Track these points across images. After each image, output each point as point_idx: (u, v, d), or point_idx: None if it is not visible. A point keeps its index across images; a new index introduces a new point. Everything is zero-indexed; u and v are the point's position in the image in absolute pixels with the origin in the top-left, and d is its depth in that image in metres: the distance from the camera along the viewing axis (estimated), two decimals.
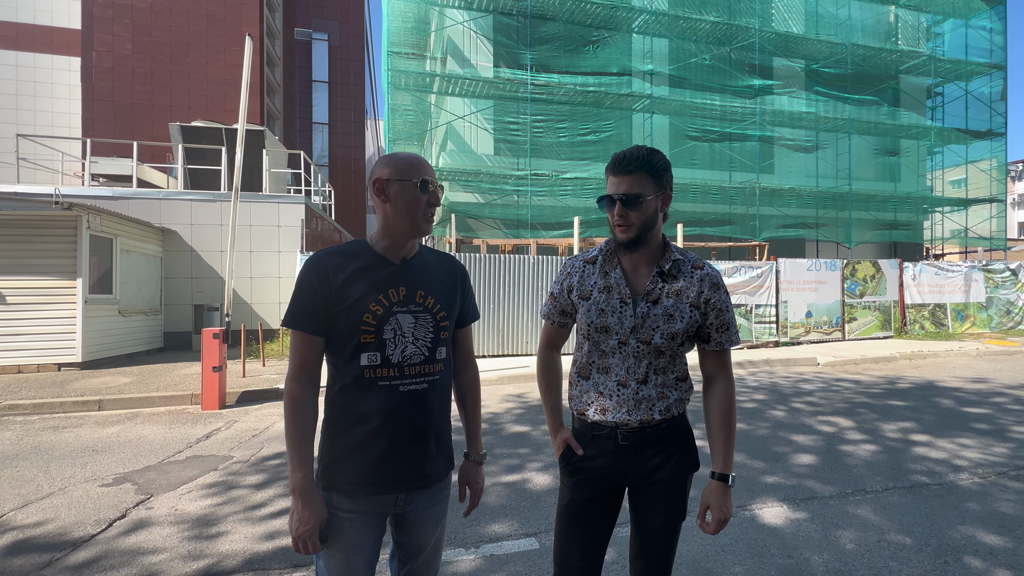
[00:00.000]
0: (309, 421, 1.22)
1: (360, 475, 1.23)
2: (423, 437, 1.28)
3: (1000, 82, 15.85)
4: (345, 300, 1.22)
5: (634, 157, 1.30)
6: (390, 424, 1.23)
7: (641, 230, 1.32)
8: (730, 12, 13.38)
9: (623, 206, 1.30)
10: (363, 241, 1.32)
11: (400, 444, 1.25)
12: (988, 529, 2.76)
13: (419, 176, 1.26)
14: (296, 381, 1.22)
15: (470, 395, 1.47)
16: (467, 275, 1.45)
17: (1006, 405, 5.51)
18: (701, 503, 1.35)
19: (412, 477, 1.27)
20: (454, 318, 1.37)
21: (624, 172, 1.30)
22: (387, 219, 1.27)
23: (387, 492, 1.25)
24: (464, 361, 1.47)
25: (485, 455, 1.48)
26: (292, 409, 1.21)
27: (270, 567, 2.45)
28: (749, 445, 4.19)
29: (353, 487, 1.23)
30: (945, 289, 11.58)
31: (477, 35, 12.70)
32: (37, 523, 2.94)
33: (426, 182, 1.26)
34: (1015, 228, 39.60)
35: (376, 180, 1.26)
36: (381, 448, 1.23)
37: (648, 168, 1.30)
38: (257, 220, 10.48)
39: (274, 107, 26.41)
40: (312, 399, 1.23)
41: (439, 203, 1.30)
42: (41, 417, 5.45)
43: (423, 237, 1.31)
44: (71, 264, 7.63)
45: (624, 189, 1.30)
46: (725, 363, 1.40)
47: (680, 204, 12.91)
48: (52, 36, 24.49)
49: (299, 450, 1.20)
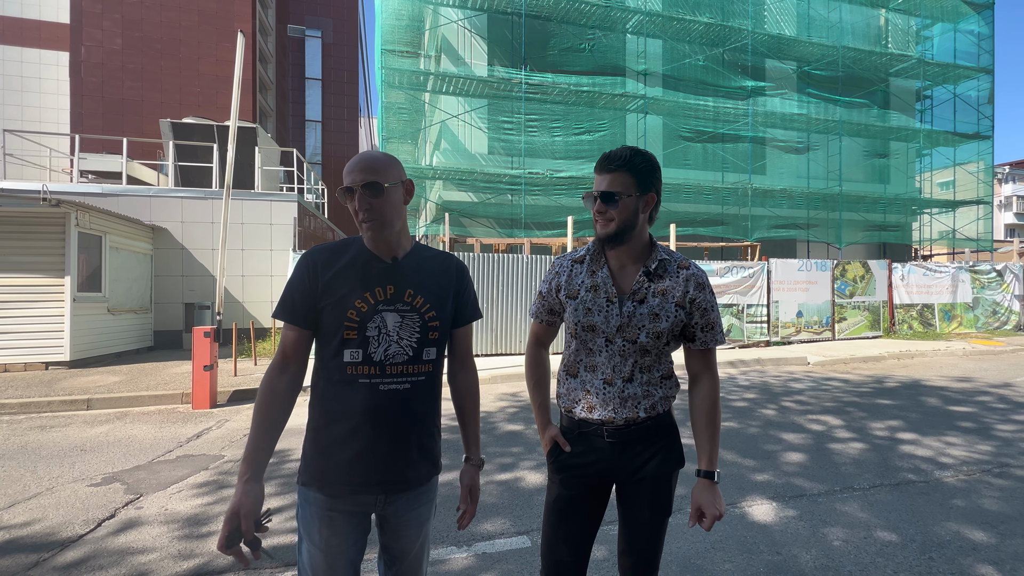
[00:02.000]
0: (274, 408, 1.21)
1: (337, 473, 1.22)
2: (403, 438, 1.25)
3: (987, 85, 16.09)
4: (332, 295, 1.22)
5: (617, 156, 1.33)
6: (369, 423, 1.21)
7: (621, 227, 1.34)
8: (723, 13, 13.47)
9: (602, 202, 1.34)
10: (358, 238, 1.31)
11: (378, 444, 1.22)
12: (972, 525, 2.81)
13: (343, 185, 1.25)
14: (271, 369, 1.24)
15: (469, 397, 1.44)
16: (465, 274, 1.41)
17: (990, 404, 5.60)
18: (692, 504, 1.36)
19: (391, 480, 1.24)
20: (446, 318, 1.33)
21: (606, 170, 1.34)
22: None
23: (361, 492, 1.23)
24: (462, 361, 1.44)
25: (484, 459, 1.48)
26: (261, 393, 1.22)
27: (261, 567, 2.44)
28: (739, 443, 4.23)
29: (330, 484, 1.22)
30: (933, 290, 11.74)
31: (471, 33, 12.68)
32: (24, 523, 2.91)
33: (344, 190, 1.23)
34: (1001, 230, 40.20)
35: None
36: (359, 447, 1.21)
37: (629, 168, 1.33)
38: (249, 218, 10.40)
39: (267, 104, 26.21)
40: (285, 389, 1.23)
41: (370, 206, 1.21)
42: (28, 416, 5.38)
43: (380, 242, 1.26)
44: (59, 262, 7.54)
45: (604, 186, 1.34)
46: (710, 362, 1.41)
47: (673, 204, 12.99)
48: (40, 30, 24.14)
49: (255, 433, 1.18)
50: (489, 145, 12.69)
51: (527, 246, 10.59)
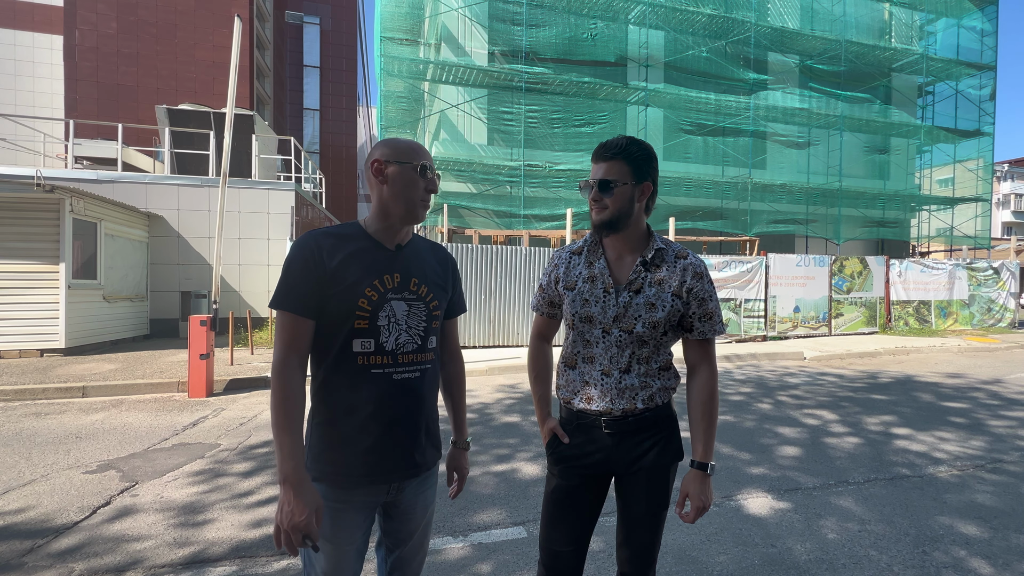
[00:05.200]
0: (299, 408, 1.15)
1: (351, 465, 1.20)
2: (415, 426, 1.26)
3: (989, 82, 16.02)
4: (340, 283, 1.18)
5: (613, 144, 1.33)
6: (382, 413, 1.21)
7: (616, 215, 1.34)
8: (726, 5, 13.33)
9: (597, 190, 1.34)
10: (356, 223, 1.29)
11: (392, 434, 1.22)
12: (965, 520, 2.83)
13: (419, 160, 1.25)
14: (285, 366, 1.15)
15: (456, 385, 1.48)
16: (457, 266, 1.45)
17: (983, 400, 5.64)
18: (680, 491, 1.37)
19: (404, 467, 1.25)
20: (444, 308, 1.37)
21: (603, 158, 1.35)
22: (383, 201, 1.25)
23: (378, 483, 1.23)
24: (451, 353, 1.47)
25: (470, 442, 1.50)
26: (281, 395, 1.13)
27: (257, 554, 2.44)
28: (736, 437, 4.25)
29: (344, 478, 1.20)
30: (930, 286, 11.78)
31: (472, 22, 12.53)
32: (18, 510, 2.90)
33: (425, 167, 1.25)
34: (999, 227, 40.32)
35: (375, 161, 1.24)
36: (373, 438, 1.20)
37: (625, 156, 1.32)
38: (246, 206, 10.33)
39: (264, 91, 25.93)
40: (301, 385, 1.17)
41: (436, 190, 1.29)
42: (23, 403, 5.36)
43: (416, 223, 1.29)
44: (54, 248, 7.47)
45: (601, 174, 1.34)
46: (708, 353, 1.40)
47: (673, 198, 12.94)
48: (33, 12, 23.76)
49: (289, 438, 1.12)
50: (488, 136, 12.59)
51: (526, 238, 10.55)
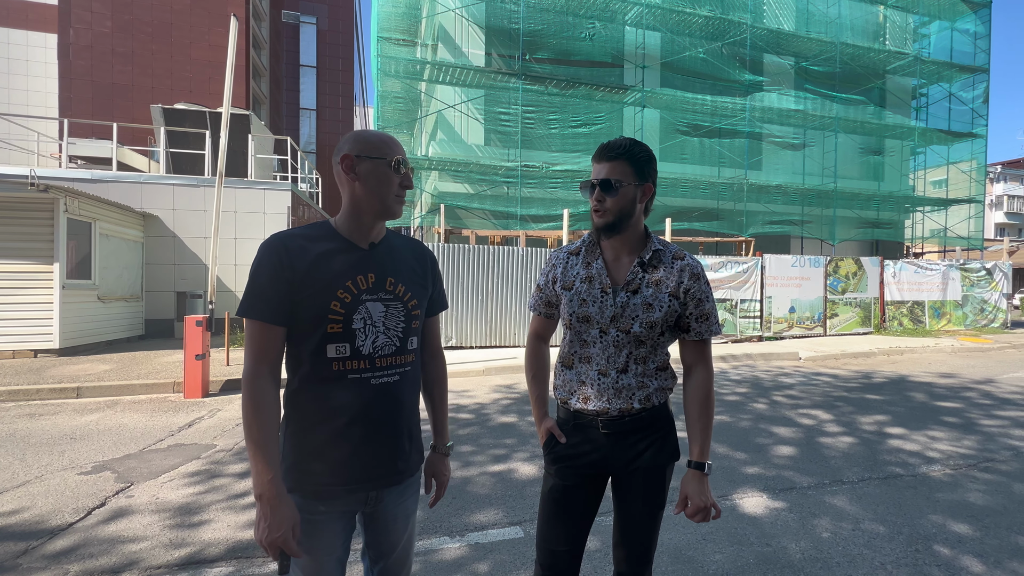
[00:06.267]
0: (272, 421, 1.11)
1: (329, 475, 1.16)
2: (396, 432, 1.21)
3: (982, 85, 16.15)
4: (310, 287, 1.13)
5: (616, 145, 1.33)
6: (361, 420, 1.16)
7: (618, 216, 1.34)
8: (723, 7, 13.40)
9: (601, 191, 1.33)
10: (326, 223, 1.22)
11: (372, 440, 1.18)
12: (957, 518, 2.85)
13: (392, 155, 1.19)
14: (256, 376, 1.11)
15: (438, 387, 1.42)
16: (436, 261, 1.39)
17: (976, 400, 5.68)
18: (680, 493, 1.37)
19: (385, 474, 1.21)
20: (425, 306, 1.31)
21: (605, 158, 1.34)
22: (355, 199, 1.19)
23: (358, 491, 1.19)
24: (433, 353, 1.41)
25: (451, 446, 1.45)
26: (254, 407, 1.09)
27: (253, 555, 2.44)
28: (731, 437, 4.27)
29: (322, 488, 1.16)
30: (924, 287, 11.86)
31: (469, 23, 12.53)
32: (13, 511, 2.88)
33: (399, 162, 1.20)
34: (992, 229, 40.64)
35: (345, 156, 1.17)
36: (352, 445, 1.16)
37: (628, 156, 1.32)
38: (242, 206, 10.29)
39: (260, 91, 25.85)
40: (274, 396, 1.13)
41: (411, 186, 1.24)
42: (16, 404, 5.33)
43: (392, 220, 1.25)
44: (48, 248, 7.42)
45: (603, 175, 1.33)
46: (705, 353, 1.41)
47: (669, 198, 12.99)
48: (27, 11, 23.60)
49: (263, 452, 1.07)
50: (485, 136, 12.60)
51: (522, 239, 10.56)
